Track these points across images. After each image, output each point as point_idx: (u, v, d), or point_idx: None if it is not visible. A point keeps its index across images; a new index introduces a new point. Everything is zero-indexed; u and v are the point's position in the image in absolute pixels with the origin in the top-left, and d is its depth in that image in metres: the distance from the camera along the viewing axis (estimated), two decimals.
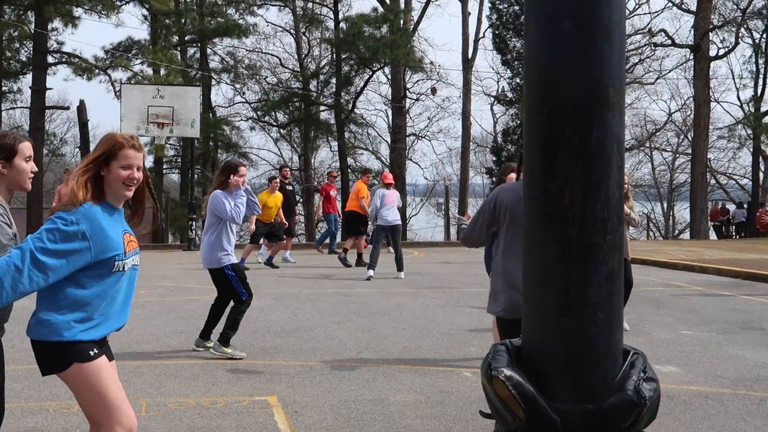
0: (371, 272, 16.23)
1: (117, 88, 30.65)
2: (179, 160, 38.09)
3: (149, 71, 32.34)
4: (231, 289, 8.67)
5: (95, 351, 3.97)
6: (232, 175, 8.68)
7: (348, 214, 19.81)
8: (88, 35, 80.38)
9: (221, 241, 8.61)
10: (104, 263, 3.88)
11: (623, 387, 2.32)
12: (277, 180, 18.67)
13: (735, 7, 40.55)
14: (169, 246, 28.19)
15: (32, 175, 4.00)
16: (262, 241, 18.96)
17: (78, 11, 32.17)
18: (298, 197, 33.38)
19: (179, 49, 35.79)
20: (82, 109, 32.32)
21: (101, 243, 3.83)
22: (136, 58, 34.07)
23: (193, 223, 24.59)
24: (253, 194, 9.01)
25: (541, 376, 2.35)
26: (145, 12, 34.30)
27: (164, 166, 37.95)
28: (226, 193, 8.64)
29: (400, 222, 17.35)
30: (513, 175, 8.55)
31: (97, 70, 32.76)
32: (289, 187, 19.79)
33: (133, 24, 75.49)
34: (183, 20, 34.94)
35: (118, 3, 33.15)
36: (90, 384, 3.93)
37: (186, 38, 36.20)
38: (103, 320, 3.99)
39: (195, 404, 6.91)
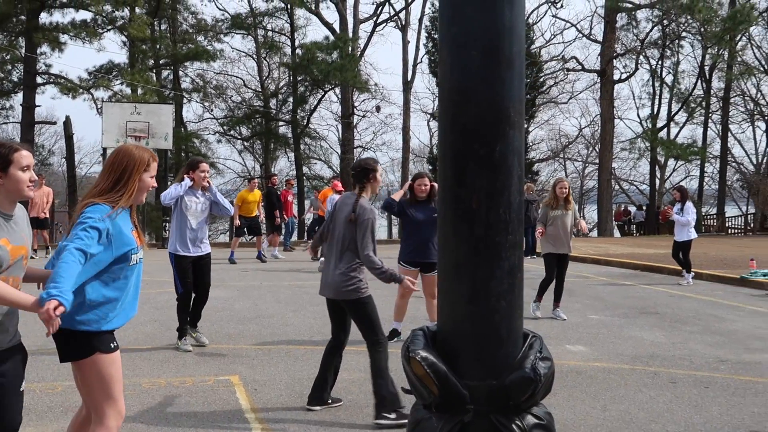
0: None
1: (99, 106, 30.17)
2: None
3: (128, 91, 31.90)
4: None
5: (115, 344, 3.94)
6: (191, 172, 8.05)
7: (318, 218, 19.84)
8: (74, 58, 78.72)
9: (174, 229, 8.13)
10: (123, 257, 3.85)
11: (522, 365, 2.34)
12: (255, 181, 19.22)
13: (635, 37, 41.13)
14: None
15: (32, 184, 3.55)
16: (266, 237, 19.14)
17: (64, 37, 31.66)
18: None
19: (154, 71, 35.37)
20: (68, 124, 31.88)
21: (120, 239, 3.82)
22: (116, 79, 33.56)
23: (166, 224, 24.31)
24: (219, 197, 8.36)
25: (452, 356, 2.36)
26: (124, 38, 33.81)
27: None
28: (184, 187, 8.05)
29: None
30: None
31: (81, 90, 32.22)
32: (278, 192, 19.72)
33: (114, 49, 74.15)
34: (158, 46, 34.69)
35: (100, 30, 32.62)
36: (103, 373, 3.85)
37: (161, 62, 35.78)
38: (121, 311, 3.93)
39: (166, 384, 6.83)
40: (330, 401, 6.19)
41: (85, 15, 32.08)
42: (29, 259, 3.69)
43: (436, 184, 8.46)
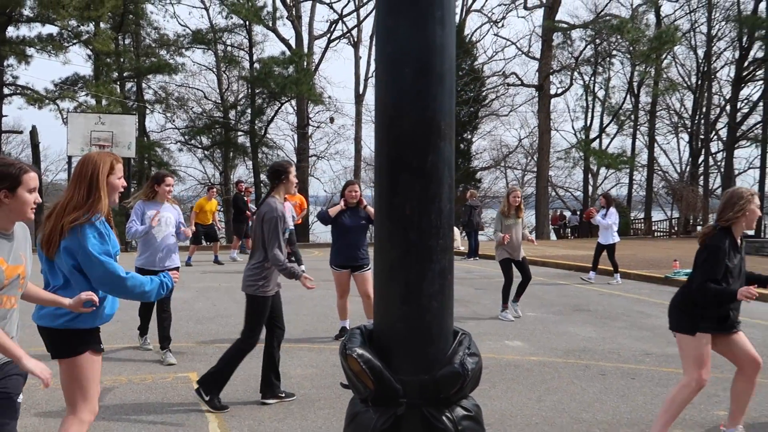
0: None
1: (64, 116, 29.60)
2: None
3: (92, 102, 31.38)
4: None
5: (102, 346, 4.01)
6: (156, 185, 7.69)
7: None
8: (40, 70, 77.43)
9: (140, 243, 7.69)
10: (113, 258, 3.97)
11: (452, 361, 2.35)
12: (214, 189, 19.10)
13: (570, 55, 41.73)
14: None
15: (35, 206, 3.39)
16: (235, 241, 19.14)
17: (30, 50, 31.10)
18: (221, 207, 32.90)
19: (118, 83, 34.86)
20: (34, 133, 31.23)
21: (110, 242, 3.97)
22: (81, 91, 33.04)
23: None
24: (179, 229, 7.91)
25: (387, 353, 2.36)
26: (89, 52, 33.27)
27: None
28: (149, 204, 7.68)
29: (292, 227, 17.36)
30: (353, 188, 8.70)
31: (47, 101, 31.63)
32: (245, 198, 19.49)
33: (79, 62, 72.99)
34: (122, 59, 34.25)
35: (66, 44, 32.06)
36: (86, 372, 3.90)
37: (124, 74, 35.29)
38: (107, 306, 4.02)
39: (127, 381, 6.75)
40: (283, 395, 6.18)
41: (51, 29, 31.53)
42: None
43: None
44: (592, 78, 43.28)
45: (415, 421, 2.31)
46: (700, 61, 40.50)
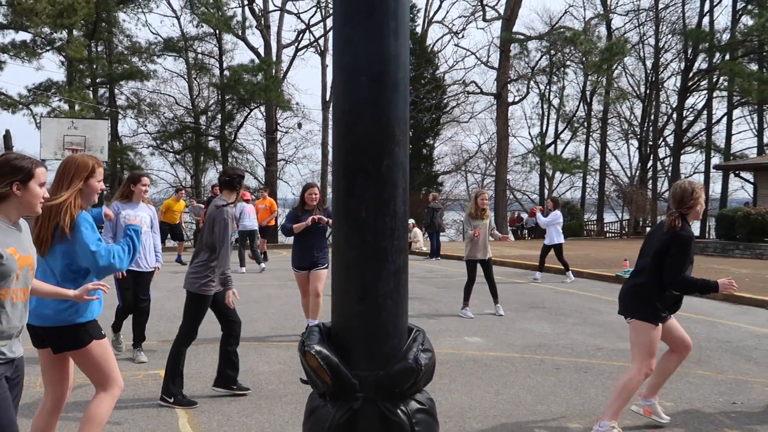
0: (243, 269, 16.52)
1: (38, 121, 29.13)
2: None
3: (65, 107, 30.91)
4: None
5: (103, 331, 4.17)
6: (132, 185, 7.52)
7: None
8: (13, 76, 76.01)
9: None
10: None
11: (406, 356, 2.35)
12: (182, 192, 19.00)
13: (526, 65, 42.15)
14: None
15: (43, 201, 3.36)
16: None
17: (4, 56, 30.50)
18: (188, 209, 32.60)
19: (91, 89, 34.36)
20: (8, 137, 30.65)
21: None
22: (55, 96, 32.55)
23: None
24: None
25: (344, 349, 2.36)
26: (63, 59, 32.78)
27: None
28: (125, 204, 7.50)
29: (256, 227, 17.30)
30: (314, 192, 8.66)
31: (20, 105, 31.13)
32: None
33: (52, 68, 71.74)
34: (94, 66, 33.75)
35: (39, 51, 31.57)
36: (100, 356, 4.07)
37: (97, 80, 34.78)
38: (99, 300, 4.12)
39: None
40: (234, 387, 6.17)
41: (24, 36, 31.04)
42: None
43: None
44: (548, 87, 43.80)
45: (371, 414, 2.31)
46: (649, 71, 41.18)
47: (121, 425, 5.32)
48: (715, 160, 39.64)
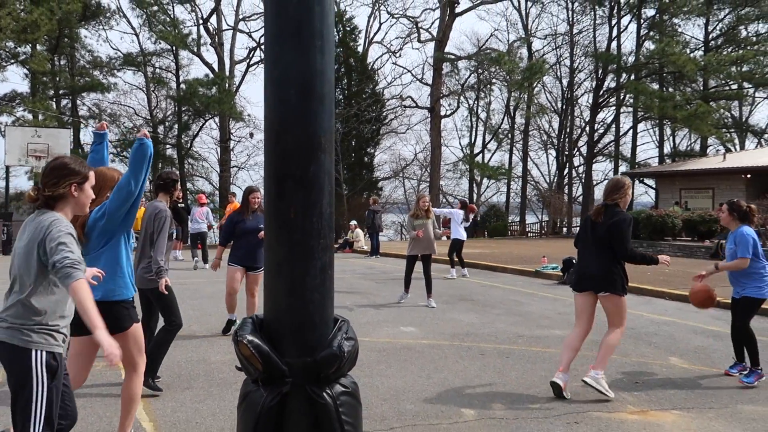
0: (207, 265, 16.29)
1: (2, 129, 28.13)
2: None
3: (29, 116, 29.90)
4: None
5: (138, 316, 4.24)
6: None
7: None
8: None
9: None
10: None
11: (331, 344, 2.35)
12: (143, 199, 18.08)
13: (456, 82, 42.67)
14: None
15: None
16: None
17: None
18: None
19: (54, 99, 33.39)
20: None
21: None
22: (19, 106, 31.47)
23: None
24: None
25: (275, 339, 2.35)
26: (26, 71, 31.73)
27: None
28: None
29: (205, 229, 17.12)
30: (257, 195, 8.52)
31: None
32: (181, 204, 18.82)
33: (16, 80, 69.49)
34: (57, 78, 32.84)
35: (4, 64, 30.51)
36: (138, 336, 4.16)
37: (60, 92, 33.82)
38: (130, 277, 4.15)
39: None
40: (150, 381, 5.91)
41: None
42: None
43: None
44: (476, 102, 44.42)
45: (299, 397, 2.31)
46: (564, 89, 42.15)
47: (79, 413, 5.16)
48: (623, 168, 40.84)
